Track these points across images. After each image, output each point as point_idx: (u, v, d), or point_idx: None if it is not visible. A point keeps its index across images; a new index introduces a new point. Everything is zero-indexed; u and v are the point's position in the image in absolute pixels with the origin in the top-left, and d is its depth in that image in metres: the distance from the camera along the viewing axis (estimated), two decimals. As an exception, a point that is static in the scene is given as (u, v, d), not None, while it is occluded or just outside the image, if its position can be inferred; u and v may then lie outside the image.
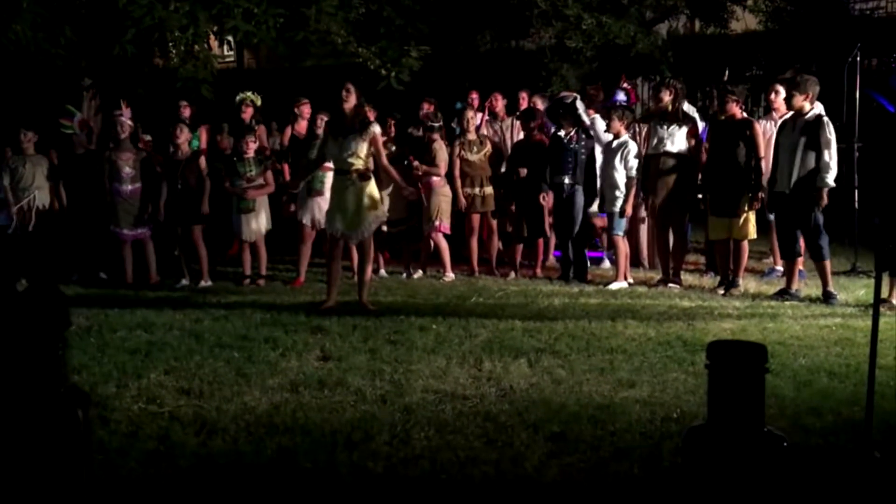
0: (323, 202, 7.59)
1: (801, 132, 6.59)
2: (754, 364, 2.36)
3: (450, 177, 8.06)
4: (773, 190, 6.83)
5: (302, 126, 8.61)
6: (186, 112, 9.11)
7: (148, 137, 9.06)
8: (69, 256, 8.47)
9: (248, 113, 9.10)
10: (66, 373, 1.84)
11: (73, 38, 9.28)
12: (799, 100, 6.61)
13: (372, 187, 6.52)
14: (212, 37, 10.46)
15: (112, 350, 5.41)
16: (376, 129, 6.52)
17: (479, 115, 8.60)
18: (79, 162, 8.55)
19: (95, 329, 5.93)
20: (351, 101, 6.44)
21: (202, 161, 8.13)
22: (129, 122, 8.36)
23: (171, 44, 9.91)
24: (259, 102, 9.19)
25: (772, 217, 7.42)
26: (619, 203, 7.47)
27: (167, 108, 9.45)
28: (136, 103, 9.03)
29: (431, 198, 7.98)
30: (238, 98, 9.24)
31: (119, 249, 8.23)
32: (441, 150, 8.02)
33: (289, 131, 8.81)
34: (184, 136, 8.13)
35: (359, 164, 6.41)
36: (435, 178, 7.97)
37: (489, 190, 8.16)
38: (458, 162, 8.12)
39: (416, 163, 7.90)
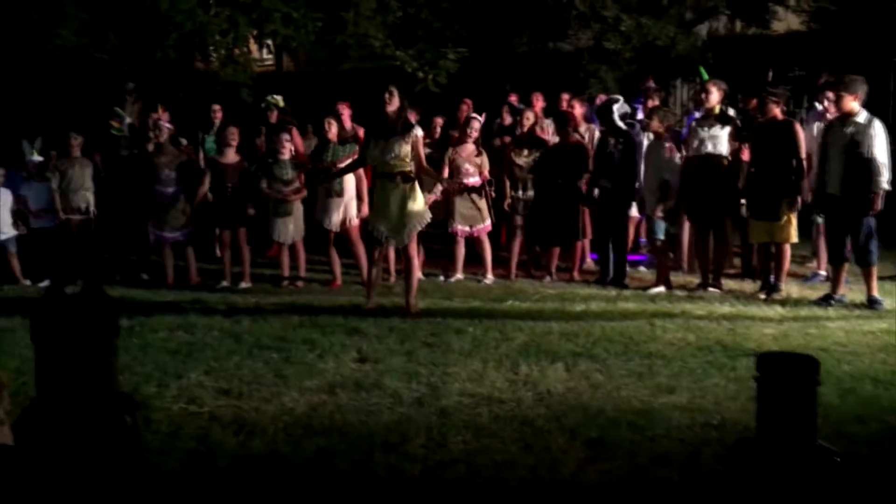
0: (342, 203, 7.68)
1: (851, 134, 6.46)
2: (806, 377, 2.30)
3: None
4: (824, 192, 6.69)
5: (345, 123, 8.63)
6: (219, 116, 9.21)
7: (184, 142, 9.15)
8: (113, 257, 8.62)
9: (273, 115, 9.17)
10: (115, 379, 1.86)
11: (116, 43, 9.47)
12: (848, 101, 6.47)
13: (416, 189, 6.52)
14: (251, 41, 10.59)
15: (153, 350, 5.49)
16: (419, 131, 6.51)
17: (533, 115, 8.55)
18: (123, 164, 8.70)
19: (137, 329, 6.01)
20: (394, 104, 6.43)
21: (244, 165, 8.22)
22: (169, 126, 8.47)
23: (211, 48, 10.09)
24: (281, 104, 9.23)
25: (819, 220, 7.29)
26: (657, 206, 7.39)
27: (207, 111, 9.56)
28: (177, 106, 9.16)
29: (476, 199, 7.98)
30: (263, 103, 9.32)
31: (160, 251, 8.35)
32: (484, 156, 8.02)
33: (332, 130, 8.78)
34: (234, 140, 8.19)
35: (403, 166, 6.40)
36: (477, 180, 7.97)
37: (532, 193, 8.12)
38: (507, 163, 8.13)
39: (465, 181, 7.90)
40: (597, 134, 8.26)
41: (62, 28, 9.03)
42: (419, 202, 6.52)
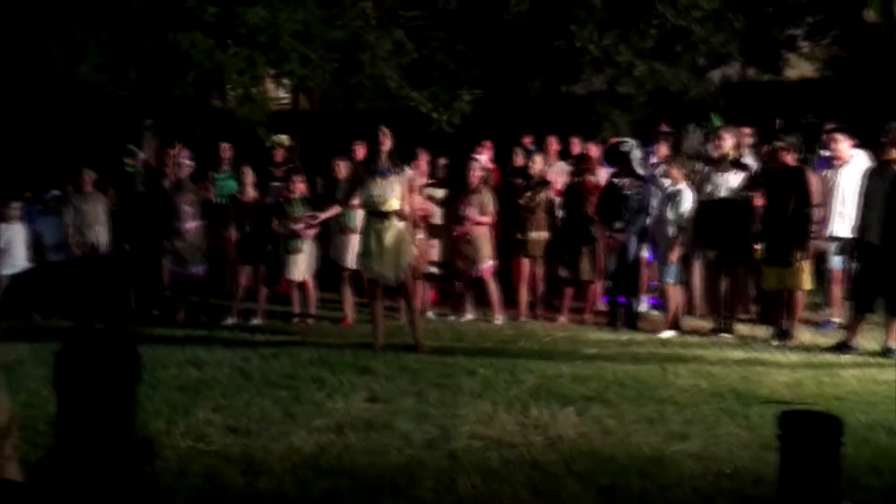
0: (356, 240, 7.71)
1: (892, 182, 6.45)
2: (829, 437, 2.25)
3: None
4: (863, 240, 6.64)
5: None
6: (227, 154, 9.33)
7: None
8: (125, 292, 8.64)
9: (277, 154, 9.19)
10: (134, 426, 1.86)
11: (136, 80, 9.61)
12: (893, 151, 6.47)
13: (407, 228, 6.58)
14: (268, 80, 10.72)
15: (163, 386, 5.48)
16: (411, 171, 6.61)
17: (542, 158, 8.60)
18: (138, 200, 8.77)
19: (147, 365, 5.94)
20: (386, 144, 6.61)
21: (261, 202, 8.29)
22: (189, 162, 8.56)
23: (228, 86, 10.21)
24: (287, 143, 9.30)
25: (837, 266, 7.21)
26: (670, 248, 7.38)
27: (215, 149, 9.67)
28: (194, 143, 9.24)
29: (478, 239, 7.99)
30: (268, 142, 9.39)
31: (175, 287, 8.38)
32: (489, 196, 8.05)
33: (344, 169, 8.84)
34: (250, 179, 8.27)
35: (395, 205, 6.49)
36: (485, 220, 8.00)
37: (544, 234, 8.13)
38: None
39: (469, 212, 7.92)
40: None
41: (83, 64, 9.18)
42: (410, 240, 6.64)
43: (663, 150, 8.15)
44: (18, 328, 7.73)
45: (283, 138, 9.26)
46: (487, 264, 8.02)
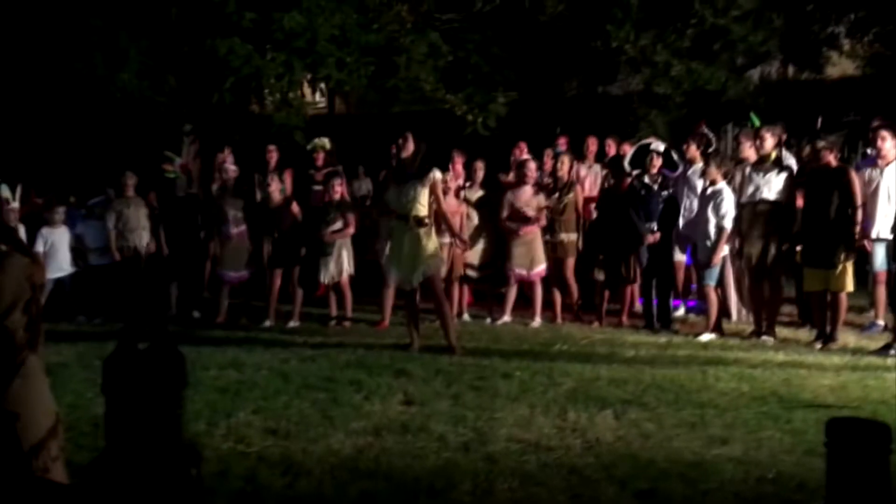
0: None
1: None
2: (879, 445, 2.20)
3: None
4: None
5: None
6: (274, 157, 9.42)
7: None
8: (166, 295, 8.77)
9: (319, 157, 9.26)
10: (181, 430, 1.89)
11: (175, 87, 9.75)
12: None
13: (430, 233, 6.60)
14: (305, 84, 10.81)
15: (203, 388, 5.52)
16: (437, 174, 6.61)
17: (569, 159, 8.56)
18: (178, 205, 8.90)
19: (188, 367, 6.07)
20: (409, 149, 6.63)
21: (294, 206, 8.33)
22: (234, 168, 8.67)
23: (266, 91, 10.31)
24: (328, 146, 9.35)
25: (880, 266, 7.08)
26: (712, 251, 7.29)
27: (261, 153, 9.76)
28: (233, 148, 9.35)
29: (533, 241, 7.99)
30: (309, 146, 9.45)
31: (218, 290, 8.50)
32: (542, 197, 8.05)
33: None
34: (275, 184, 8.35)
35: (418, 210, 6.53)
36: (541, 222, 8.01)
37: (573, 236, 8.13)
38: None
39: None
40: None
41: (124, 72, 9.34)
42: (432, 246, 6.63)
43: (693, 150, 8.06)
44: (63, 331, 7.88)
45: (325, 142, 9.32)
46: (541, 268, 8.00)
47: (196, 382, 5.64)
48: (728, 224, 7.22)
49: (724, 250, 7.29)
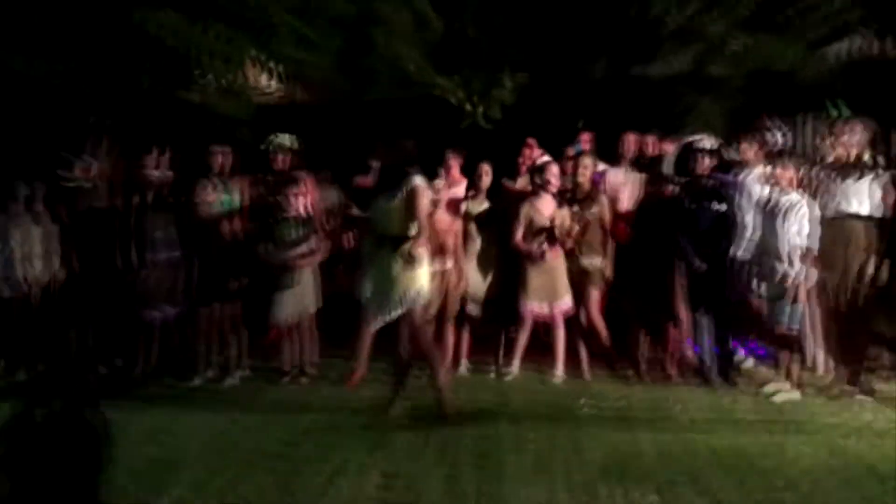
0: None
1: None
2: None
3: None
4: None
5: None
6: (220, 160, 9.38)
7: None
8: (81, 339, 8.69)
9: (278, 160, 9.22)
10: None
11: (82, 68, 9.68)
12: None
13: (414, 257, 6.64)
14: (254, 65, 10.78)
15: (128, 459, 5.43)
16: (417, 182, 6.63)
17: (593, 162, 8.55)
18: (90, 222, 8.76)
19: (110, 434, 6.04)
20: (384, 156, 6.67)
21: (236, 223, 8.29)
22: (158, 173, 8.62)
23: (197, 72, 10.26)
24: (293, 146, 9.31)
25: None
26: (787, 282, 7.26)
27: (195, 155, 9.69)
28: (165, 149, 9.30)
29: (556, 269, 7.99)
30: (266, 146, 9.39)
31: (143, 333, 8.46)
32: (566, 209, 8.08)
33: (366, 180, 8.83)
34: (209, 194, 8.31)
35: (394, 227, 6.59)
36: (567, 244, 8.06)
37: (598, 261, 8.14)
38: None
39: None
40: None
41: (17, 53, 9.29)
42: (416, 274, 6.64)
43: (750, 151, 8.06)
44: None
45: (286, 140, 9.28)
46: (565, 303, 8.01)
47: (119, 452, 5.57)
48: (813, 244, 7.21)
49: (804, 279, 7.27)
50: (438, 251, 7.57)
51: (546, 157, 8.55)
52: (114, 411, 6.35)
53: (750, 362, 8.23)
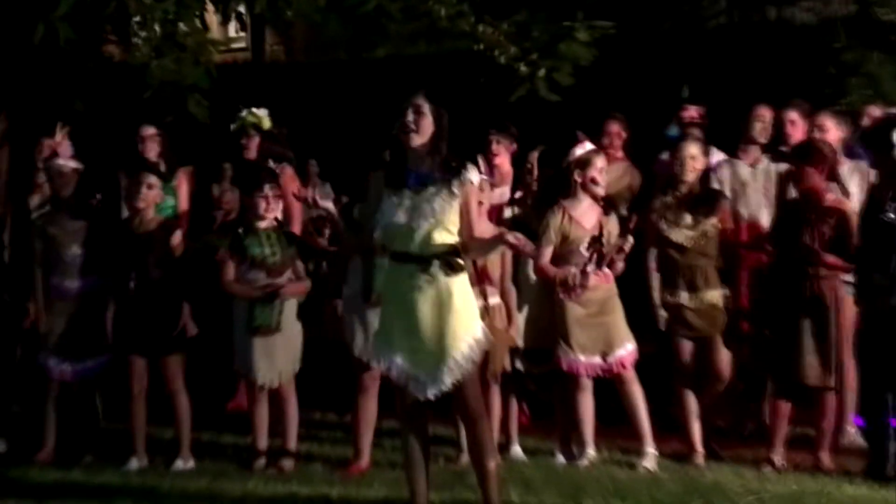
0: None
1: None
2: None
3: None
4: None
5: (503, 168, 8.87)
6: (153, 147, 9.44)
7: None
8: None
9: (252, 146, 9.27)
10: None
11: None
12: None
13: (466, 287, 6.57)
14: (209, 7, 10.85)
15: None
16: (473, 176, 6.57)
17: (702, 150, 8.53)
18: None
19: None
20: (424, 130, 6.50)
21: (177, 237, 8.35)
22: (73, 165, 8.70)
23: (135, 20, 10.33)
24: (266, 125, 9.36)
25: None
26: None
27: (128, 137, 9.76)
28: (76, 127, 9.37)
29: (606, 303, 8.04)
30: (234, 124, 9.44)
31: (42, 395, 8.51)
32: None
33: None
34: (150, 193, 8.39)
35: (444, 242, 6.48)
36: (618, 266, 8.09)
37: (716, 295, 8.17)
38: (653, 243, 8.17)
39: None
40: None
41: None
42: (470, 310, 6.57)
43: None
44: None
45: (261, 117, 9.34)
46: (627, 349, 8.01)
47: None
48: None
49: None
50: (477, 281, 7.54)
51: (588, 145, 8.42)
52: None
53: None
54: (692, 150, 8.37)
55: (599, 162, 8.20)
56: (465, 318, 6.51)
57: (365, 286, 7.83)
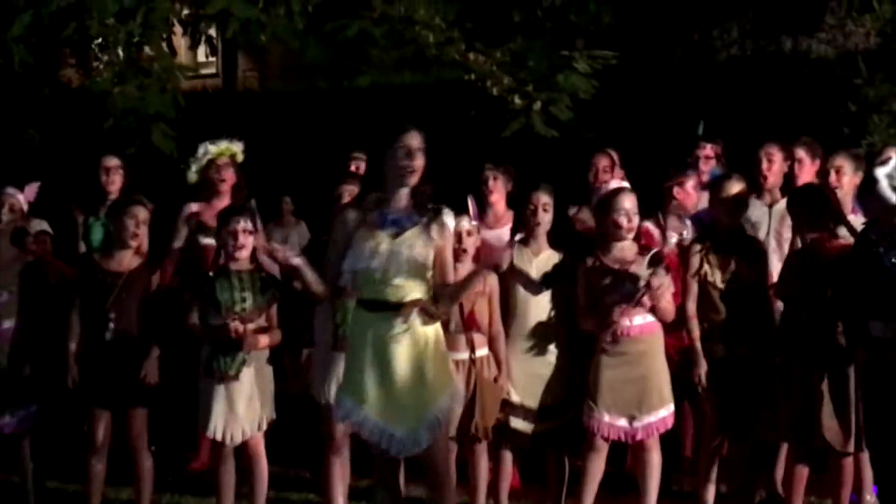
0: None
1: None
2: None
3: None
4: None
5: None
6: (116, 181, 9.41)
7: (42, 226, 9.30)
8: None
9: (227, 179, 9.22)
10: None
11: None
12: None
13: (441, 336, 6.63)
14: (177, 30, 10.88)
15: None
16: (450, 219, 6.58)
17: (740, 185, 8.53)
18: None
19: None
20: (413, 166, 6.52)
21: (154, 279, 8.35)
22: (18, 199, 8.74)
23: (96, 43, 10.34)
24: (240, 157, 9.33)
25: None
26: None
27: (86, 167, 9.74)
28: (27, 156, 9.35)
29: (647, 356, 7.96)
30: (200, 155, 9.38)
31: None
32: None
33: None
34: (144, 230, 8.31)
35: (420, 289, 6.52)
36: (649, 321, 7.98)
37: (720, 350, 8.11)
38: (693, 287, 8.12)
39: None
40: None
41: None
42: (447, 361, 6.68)
43: None
44: None
45: (234, 148, 9.31)
46: (659, 417, 7.98)
47: None
48: None
49: None
50: (463, 328, 7.52)
51: (617, 182, 8.38)
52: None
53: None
54: (732, 185, 8.31)
55: (626, 202, 8.02)
56: (443, 368, 6.56)
57: (335, 331, 7.85)
